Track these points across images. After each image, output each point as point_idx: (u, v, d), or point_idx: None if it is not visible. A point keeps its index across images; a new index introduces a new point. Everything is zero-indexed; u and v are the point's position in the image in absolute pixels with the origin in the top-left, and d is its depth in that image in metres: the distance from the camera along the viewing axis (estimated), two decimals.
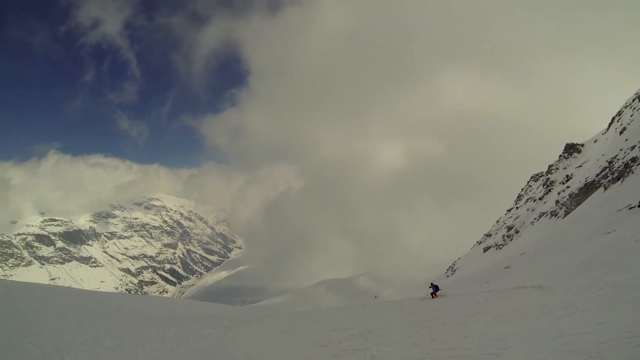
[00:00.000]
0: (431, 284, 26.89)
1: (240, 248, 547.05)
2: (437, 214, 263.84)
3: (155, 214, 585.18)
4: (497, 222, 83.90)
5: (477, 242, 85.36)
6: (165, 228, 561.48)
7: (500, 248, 66.73)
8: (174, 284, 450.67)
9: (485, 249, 73.08)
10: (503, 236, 70.11)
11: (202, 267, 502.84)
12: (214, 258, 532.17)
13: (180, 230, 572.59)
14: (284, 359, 9.49)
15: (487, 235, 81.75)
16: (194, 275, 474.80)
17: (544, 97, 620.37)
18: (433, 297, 24.42)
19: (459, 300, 18.00)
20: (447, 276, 73.62)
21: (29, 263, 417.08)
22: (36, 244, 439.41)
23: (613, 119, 61.52)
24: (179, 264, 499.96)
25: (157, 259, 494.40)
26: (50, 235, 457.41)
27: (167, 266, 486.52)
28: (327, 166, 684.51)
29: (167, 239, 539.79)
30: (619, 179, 41.94)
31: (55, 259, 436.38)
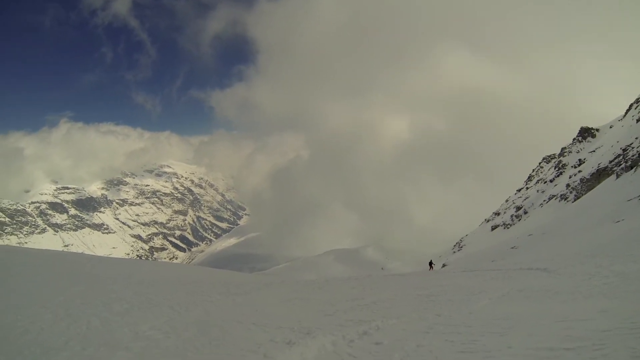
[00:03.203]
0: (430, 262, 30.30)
1: (249, 215, 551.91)
2: (444, 189, 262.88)
3: (166, 181, 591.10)
4: (507, 201, 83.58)
5: (485, 219, 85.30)
6: (175, 195, 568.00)
7: (508, 228, 66.68)
8: (183, 250, 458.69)
9: (493, 228, 73.08)
10: (511, 216, 69.92)
11: (212, 234, 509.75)
12: (224, 225, 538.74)
13: (191, 197, 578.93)
14: (290, 326, 9.64)
15: (495, 214, 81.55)
16: (204, 242, 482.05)
17: (553, 81, 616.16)
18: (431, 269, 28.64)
19: (464, 276, 18.11)
20: (454, 252, 73.98)
21: (43, 230, 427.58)
22: (50, 211, 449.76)
23: (631, 105, 60.26)
24: (189, 230, 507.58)
25: (167, 225, 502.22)
26: (63, 203, 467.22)
27: (178, 233, 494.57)
28: (334, 137, 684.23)
29: (177, 206, 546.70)
30: (632, 168, 41.26)
31: (69, 226, 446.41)
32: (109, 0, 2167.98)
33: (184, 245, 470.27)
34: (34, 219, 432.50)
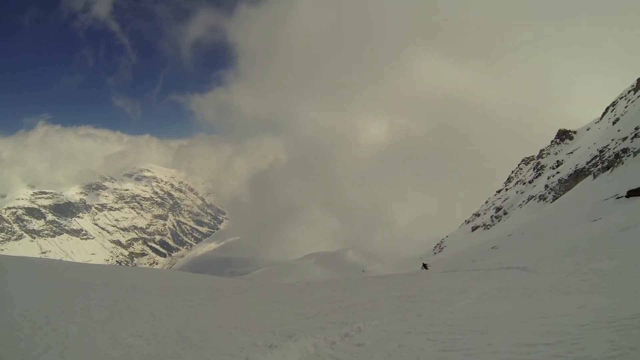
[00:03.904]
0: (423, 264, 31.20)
1: (229, 219, 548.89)
2: (423, 192, 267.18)
3: (145, 185, 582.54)
4: (487, 202, 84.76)
5: (465, 221, 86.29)
6: (155, 199, 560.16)
7: (488, 228, 67.57)
8: (164, 255, 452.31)
9: (474, 229, 73.99)
10: (491, 217, 70.91)
11: (192, 239, 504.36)
12: (204, 229, 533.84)
13: (171, 202, 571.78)
14: (271, 330, 9.59)
15: (475, 215, 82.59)
16: (184, 247, 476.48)
17: (531, 84, 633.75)
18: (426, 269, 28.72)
19: (445, 277, 18.24)
20: (435, 253, 74.52)
21: (20, 237, 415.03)
22: (26, 217, 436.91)
23: (607, 108, 61.94)
24: (169, 235, 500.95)
25: (147, 230, 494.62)
26: (41, 209, 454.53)
27: (158, 238, 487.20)
28: (313, 141, 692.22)
29: (157, 211, 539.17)
30: (608, 169, 42.25)
31: (46, 232, 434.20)
32: (90, 3, 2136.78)
33: (164, 250, 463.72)
34: (10, 225, 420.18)
